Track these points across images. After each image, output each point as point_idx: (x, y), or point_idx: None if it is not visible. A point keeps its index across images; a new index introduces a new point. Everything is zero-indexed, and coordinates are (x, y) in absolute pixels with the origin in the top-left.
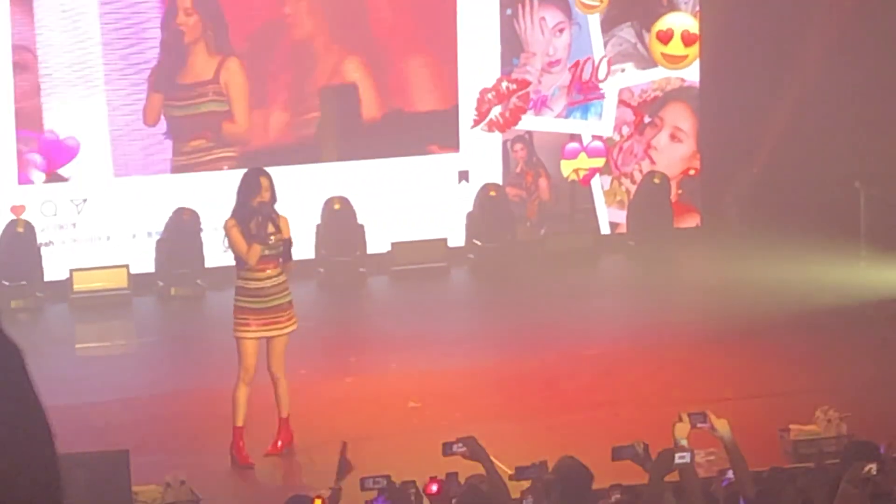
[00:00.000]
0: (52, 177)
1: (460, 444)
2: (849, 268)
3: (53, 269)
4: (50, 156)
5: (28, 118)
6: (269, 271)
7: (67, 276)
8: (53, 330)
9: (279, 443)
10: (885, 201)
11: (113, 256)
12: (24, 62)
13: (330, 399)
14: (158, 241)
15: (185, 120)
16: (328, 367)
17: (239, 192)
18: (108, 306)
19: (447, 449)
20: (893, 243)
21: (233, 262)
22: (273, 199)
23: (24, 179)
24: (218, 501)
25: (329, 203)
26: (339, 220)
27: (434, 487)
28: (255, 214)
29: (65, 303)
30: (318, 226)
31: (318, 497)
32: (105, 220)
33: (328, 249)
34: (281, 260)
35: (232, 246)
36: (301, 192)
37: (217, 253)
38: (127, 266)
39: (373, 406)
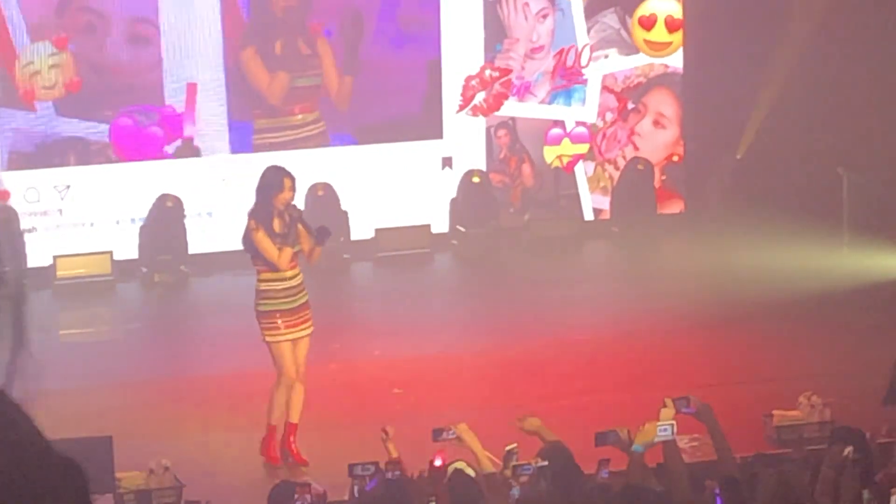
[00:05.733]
0: (186, 149)
1: (451, 432)
2: (832, 254)
3: (37, 255)
4: (168, 129)
5: (148, 92)
6: (294, 270)
7: (51, 262)
8: (37, 316)
9: (294, 447)
10: (867, 187)
11: (96, 243)
12: (147, 35)
13: (314, 386)
14: (142, 228)
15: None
16: (312, 354)
17: (259, 191)
18: (92, 293)
19: (437, 435)
20: (876, 229)
21: (215, 249)
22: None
23: (155, 153)
24: (201, 488)
25: (313, 189)
26: (322, 206)
27: (438, 461)
28: (281, 216)
29: (48, 289)
30: (301, 212)
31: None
32: (88, 207)
33: None
34: (313, 246)
35: (260, 250)
36: None
37: (201, 239)
38: (110, 252)
39: (356, 393)
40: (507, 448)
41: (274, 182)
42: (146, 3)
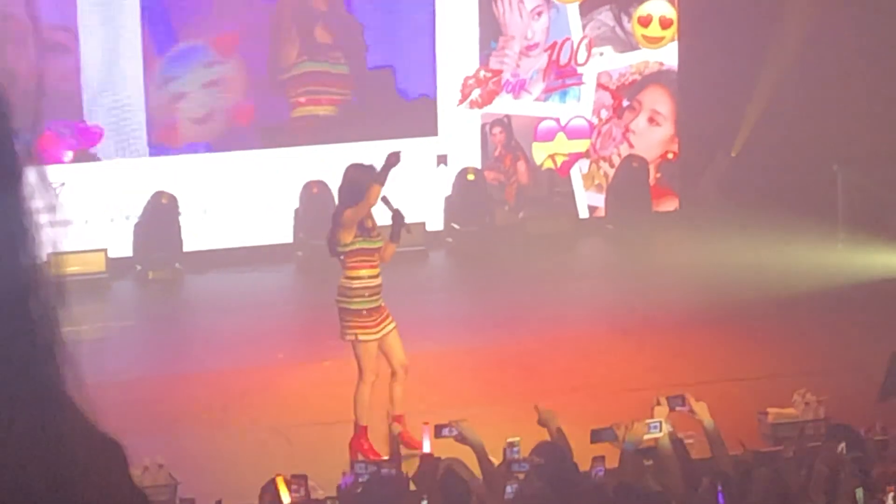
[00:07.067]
0: (80, 155)
1: (452, 429)
2: (827, 251)
3: None
4: (80, 141)
5: (66, 101)
6: (377, 269)
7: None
8: None
9: (406, 434)
10: (862, 184)
11: (91, 240)
12: (65, 44)
13: (308, 382)
14: (136, 225)
15: None
16: (306, 351)
17: (348, 190)
18: (86, 290)
19: (438, 432)
20: (871, 226)
21: (213, 246)
22: None
23: (55, 159)
24: (196, 485)
25: (307, 187)
26: (317, 203)
27: (427, 444)
28: (370, 214)
29: None
30: (296, 210)
31: (279, 475)
32: (83, 204)
33: (306, 233)
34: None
35: (341, 228)
36: (279, 176)
37: (195, 237)
38: (105, 250)
39: (350, 389)
40: (509, 440)
41: (364, 181)
42: (64, 10)
